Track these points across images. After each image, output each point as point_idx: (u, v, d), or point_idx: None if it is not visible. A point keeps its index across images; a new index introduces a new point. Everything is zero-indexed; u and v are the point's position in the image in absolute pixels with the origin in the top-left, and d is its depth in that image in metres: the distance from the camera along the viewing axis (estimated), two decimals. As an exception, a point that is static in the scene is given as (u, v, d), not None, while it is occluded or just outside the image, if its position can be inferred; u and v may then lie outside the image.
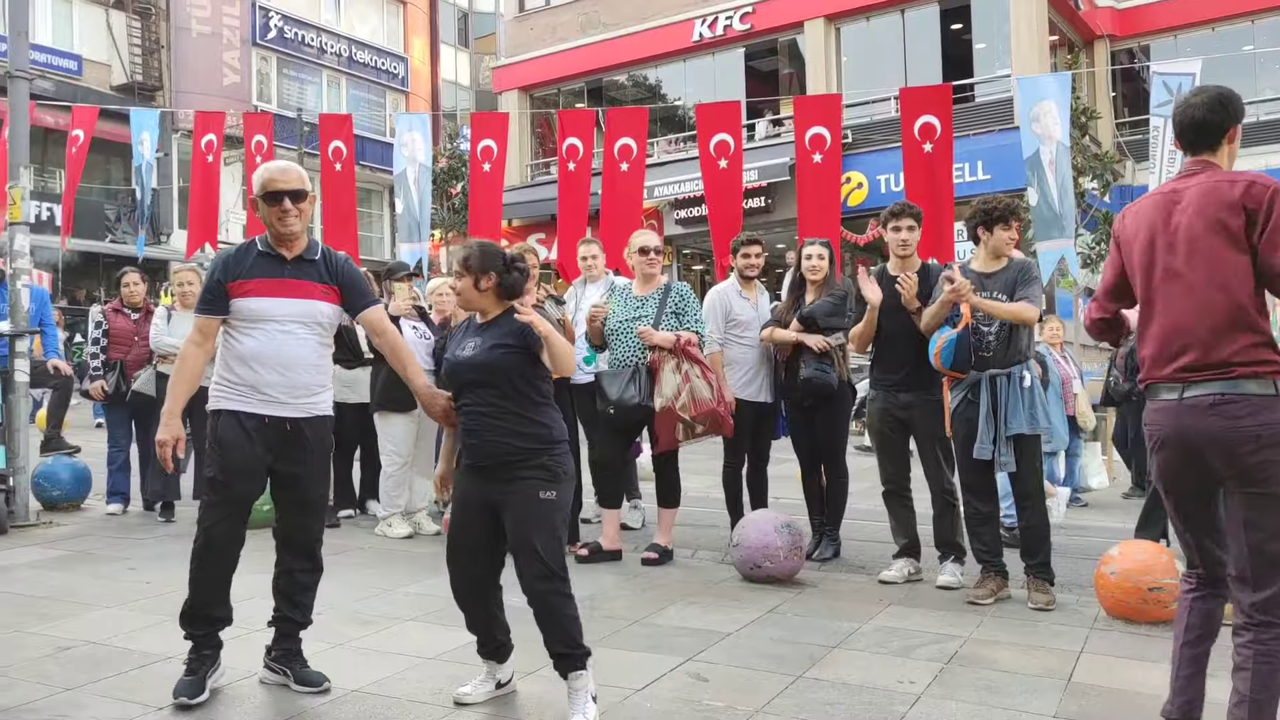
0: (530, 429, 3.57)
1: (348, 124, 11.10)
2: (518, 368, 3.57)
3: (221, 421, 3.79)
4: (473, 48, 39.42)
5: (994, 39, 19.83)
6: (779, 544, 5.55)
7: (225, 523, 3.80)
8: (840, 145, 9.16)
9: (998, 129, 18.30)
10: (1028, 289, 5.18)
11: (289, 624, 3.95)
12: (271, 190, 3.77)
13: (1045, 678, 4.08)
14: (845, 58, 21.33)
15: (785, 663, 4.22)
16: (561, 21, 24.68)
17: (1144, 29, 22.13)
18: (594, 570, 5.90)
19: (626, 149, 9.61)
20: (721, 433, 6.00)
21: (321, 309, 3.89)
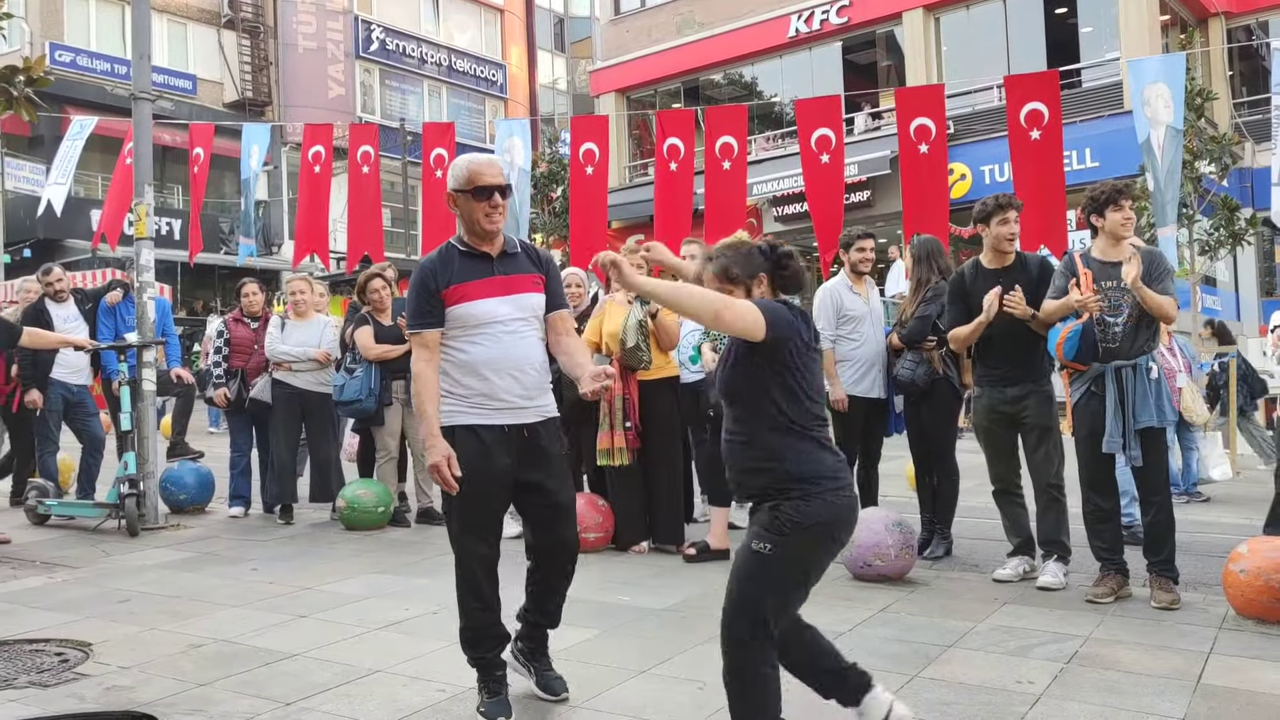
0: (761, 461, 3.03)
1: (450, 132, 11.31)
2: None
3: (458, 438, 3.59)
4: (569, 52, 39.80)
5: (1101, 22, 19.24)
6: (889, 542, 5.48)
7: (483, 544, 3.65)
8: (945, 136, 8.99)
9: (1107, 114, 17.77)
10: (1164, 282, 5.01)
11: (538, 628, 3.85)
12: (482, 184, 3.58)
13: (1172, 679, 3.94)
14: (945, 48, 20.93)
15: (899, 662, 4.17)
16: (657, 23, 24.74)
17: (1262, 4, 21.22)
18: (703, 570, 5.91)
19: (728, 147, 9.58)
20: None
21: (537, 300, 3.73)
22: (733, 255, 3.14)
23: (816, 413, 3.06)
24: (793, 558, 2.96)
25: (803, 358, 3.01)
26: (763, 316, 2.93)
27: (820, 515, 2.95)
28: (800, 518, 2.93)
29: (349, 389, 7.39)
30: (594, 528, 6.33)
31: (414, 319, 3.66)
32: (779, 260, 3.13)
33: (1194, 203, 15.19)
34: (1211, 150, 15.31)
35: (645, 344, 6.24)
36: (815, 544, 2.99)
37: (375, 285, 7.67)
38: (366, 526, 7.35)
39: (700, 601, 5.20)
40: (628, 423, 6.30)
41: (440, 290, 3.60)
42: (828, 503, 2.96)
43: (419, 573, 5.99)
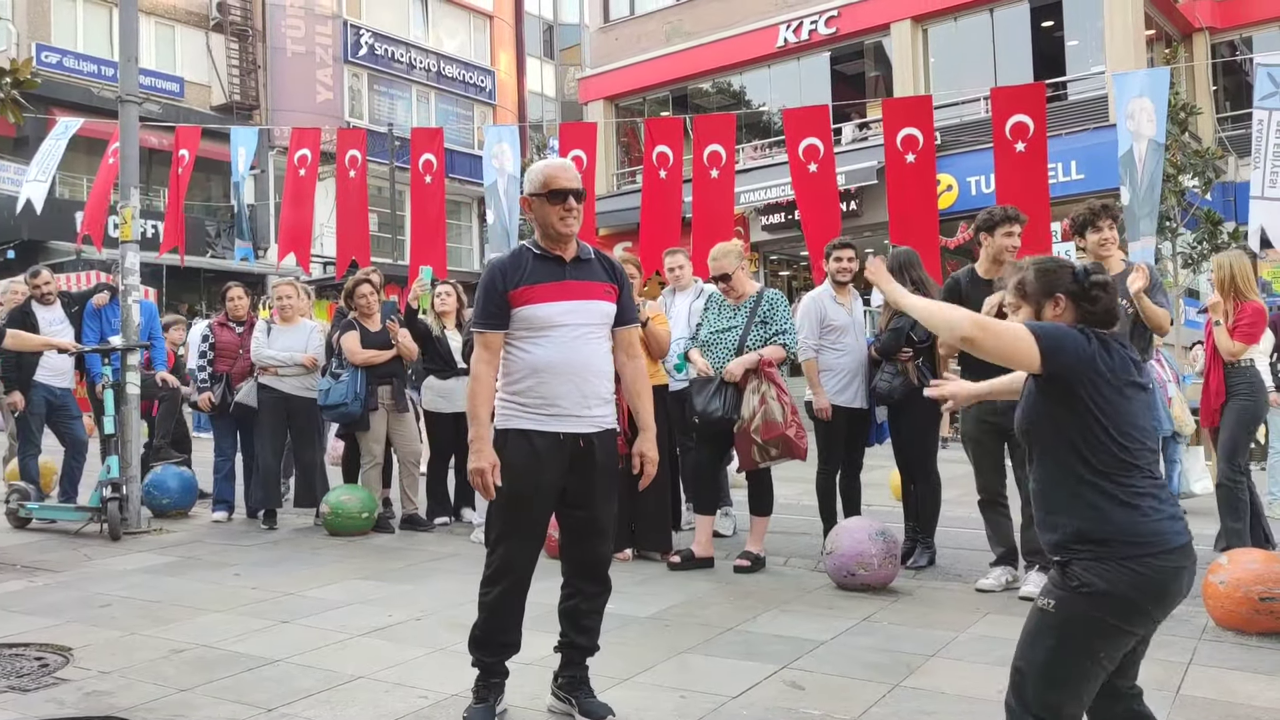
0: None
1: (439, 137, 11.30)
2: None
3: (510, 442, 3.56)
4: (558, 59, 39.83)
5: (1087, 35, 19.37)
6: (873, 551, 5.50)
7: (522, 551, 3.61)
8: (933, 146, 9.04)
9: (1092, 127, 17.88)
10: (1157, 295, 5.09)
11: (575, 650, 3.74)
12: (557, 188, 3.56)
13: (1152, 689, 3.94)
14: (933, 59, 21.03)
15: (882, 671, 4.18)
16: (646, 31, 24.79)
17: (1246, 20, 21.40)
18: (687, 578, 5.92)
19: (716, 156, 9.60)
20: (795, 456, 5.96)
21: (608, 309, 3.68)
22: (1034, 268, 2.73)
23: (1128, 460, 2.54)
24: (1080, 619, 2.50)
25: (1107, 394, 2.53)
26: (1036, 343, 2.51)
27: (1114, 583, 2.46)
28: (1091, 580, 2.48)
29: (334, 393, 7.38)
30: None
31: (480, 318, 3.62)
32: (1089, 287, 2.65)
33: (1177, 216, 15.30)
34: (1195, 164, 15.45)
35: None
36: (1111, 612, 2.49)
37: (363, 290, 7.67)
38: (350, 532, 7.33)
39: (684, 610, 5.21)
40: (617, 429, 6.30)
41: (509, 291, 3.56)
42: (1127, 569, 2.47)
43: (403, 579, 5.98)
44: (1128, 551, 2.49)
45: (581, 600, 3.72)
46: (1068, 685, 2.53)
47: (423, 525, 7.51)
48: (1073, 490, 2.56)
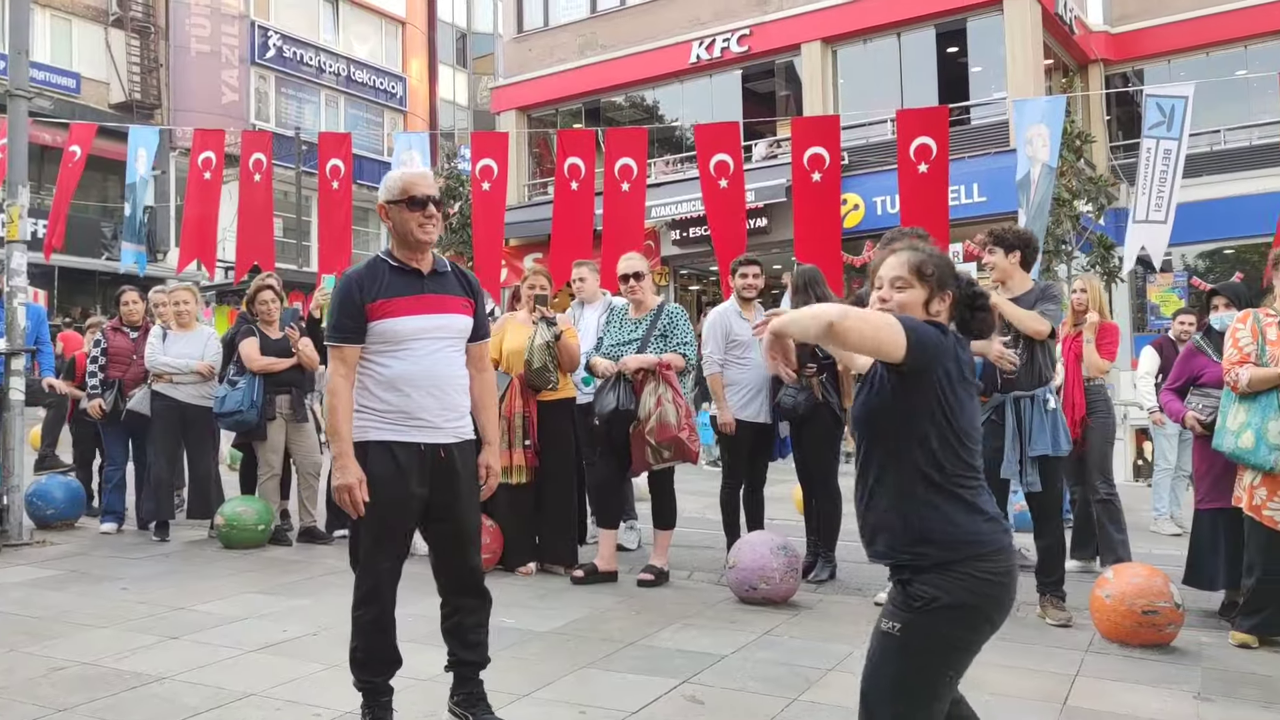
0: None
1: (347, 143, 11.13)
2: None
3: (371, 454, 3.49)
4: (471, 68, 39.58)
5: (989, 62, 19.91)
6: (775, 566, 5.54)
7: (387, 563, 3.55)
8: (839, 166, 9.19)
9: (993, 151, 18.37)
10: (1044, 304, 5.24)
11: (466, 666, 3.71)
12: (416, 195, 3.51)
13: (1040, 701, 4.07)
14: (842, 80, 21.41)
15: (781, 685, 4.21)
16: (560, 42, 24.78)
17: (1138, 54, 22.24)
18: (590, 592, 5.89)
19: (627, 169, 9.63)
20: (686, 459, 6.00)
21: (466, 323, 3.67)
22: (935, 253, 2.67)
23: (969, 461, 2.52)
24: (928, 638, 2.45)
25: (958, 391, 2.50)
26: (902, 332, 2.39)
27: (960, 594, 2.43)
28: (935, 594, 2.44)
29: (230, 400, 7.19)
30: (482, 549, 6.25)
31: (336, 332, 3.54)
32: (974, 297, 2.64)
33: (1072, 240, 15.80)
34: (1089, 190, 15.97)
35: (553, 365, 6.25)
36: (958, 624, 2.46)
37: (265, 296, 7.50)
38: (246, 545, 7.14)
39: (586, 624, 5.19)
40: (527, 441, 6.28)
41: (366, 304, 3.50)
42: (972, 577, 2.44)
43: (299, 593, 5.84)
44: (971, 552, 2.46)
45: (463, 615, 3.70)
46: (920, 706, 2.49)
47: (321, 538, 7.35)
48: (915, 485, 2.49)
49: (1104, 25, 22.35)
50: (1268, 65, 19.08)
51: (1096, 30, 22.17)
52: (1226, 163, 19.53)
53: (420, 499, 3.56)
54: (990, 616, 2.49)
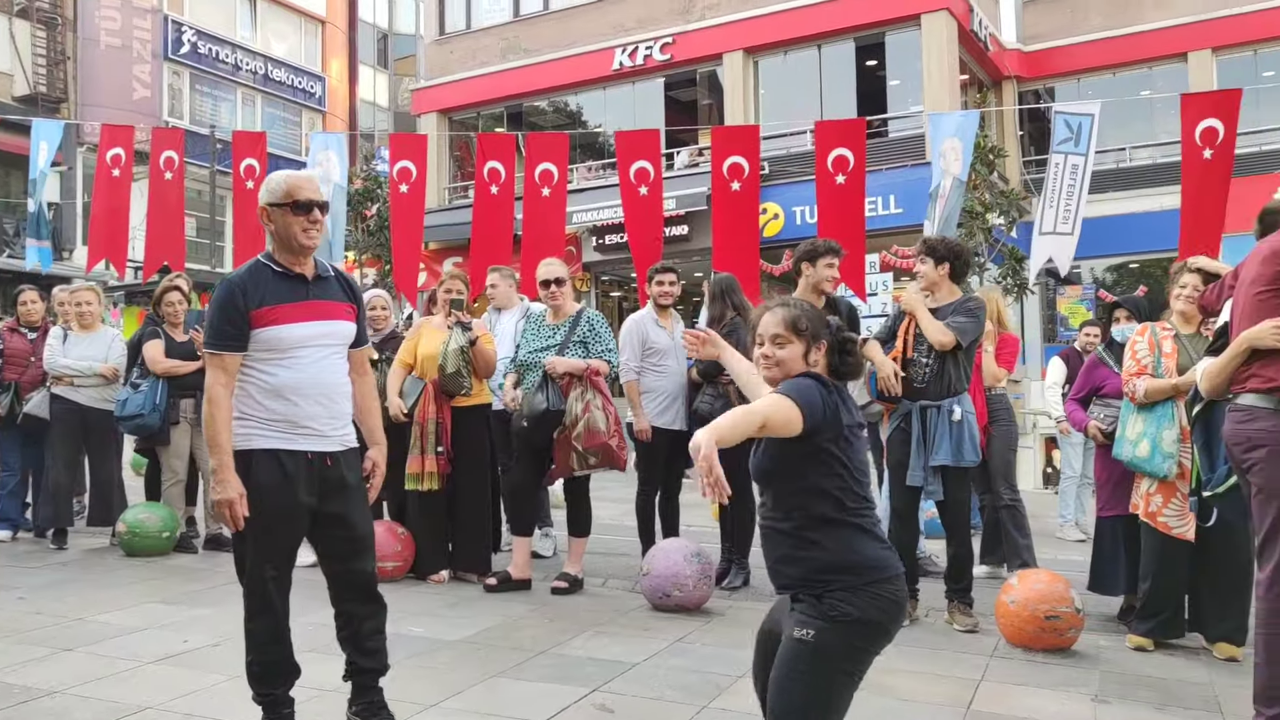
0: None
1: (262, 142, 10.91)
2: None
3: (256, 462, 3.40)
4: (392, 69, 39.13)
5: (907, 76, 20.27)
6: (688, 573, 5.55)
7: (274, 572, 3.47)
8: (758, 175, 9.27)
9: (910, 164, 18.70)
10: (955, 316, 5.32)
11: (365, 675, 3.63)
12: (301, 199, 3.44)
13: (946, 706, 4.13)
14: (763, 90, 21.62)
15: (691, 693, 4.21)
16: (482, 46, 24.62)
17: (1049, 72, 22.85)
18: (503, 600, 5.84)
19: (548, 174, 9.61)
20: (615, 466, 6.00)
21: (350, 330, 3.62)
22: (807, 308, 2.88)
23: (863, 494, 2.76)
24: (841, 646, 2.66)
25: (849, 438, 2.73)
26: (798, 410, 2.64)
27: (868, 610, 2.65)
28: (848, 609, 2.64)
29: (131, 403, 6.99)
30: (392, 556, 6.18)
31: (216, 339, 3.42)
32: (843, 342, 2.87)
33: (985, 252, 16.14)
34: (1001, 203, 16.34)
35: (467, 370, 6.18)
36: (863, 636, 2.68)
37: (171, 298, 7.32)
38: (149, 553, 6.95)
39: (498, 632, 5.14)
40: (440, 447, 6.20)
41: (249, 310, 3.39)
42: (877, 596, 2.67)
43: (203, 602, 5.69)
44: (875, 576, 2.69)
45: (360, 623, 3.63)
46: (828, 710, 2.67)
47: (228, 546, 7.17)
48: (821, 528, 2.71)
49: (1017, 43, 22.91)
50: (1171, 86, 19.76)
51: (1010, 48, 22.71)
52: (1132, 180, 20.15)
53: (308, 508, 3.49)
54: (889, 631, 2.74)
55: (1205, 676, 4.62)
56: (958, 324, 5.30)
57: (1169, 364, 4.95)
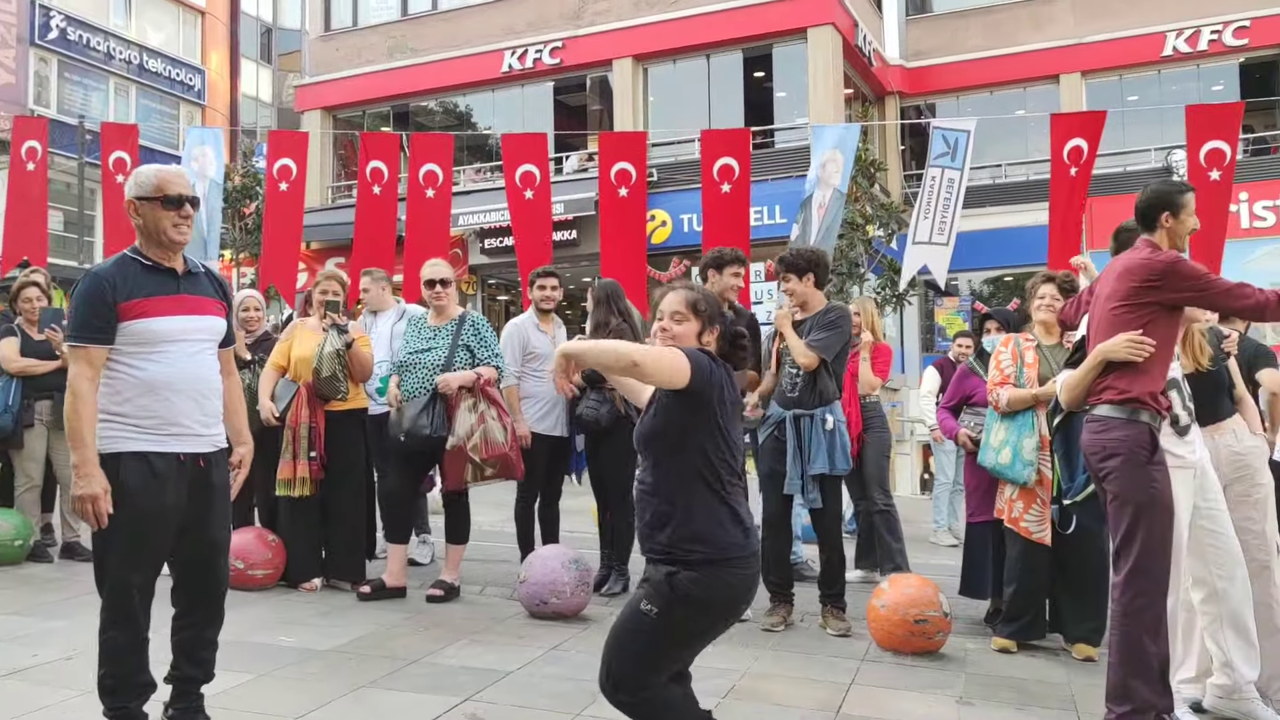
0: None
1: (133, 134, 10.53)
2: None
3: (125, 465, 3.29)
4: (276, 64, 38.19)
5: (793, 88, 20.63)
6: (566, 579, 5.51)
7: (140, 579, 3.35)
8: (645, 182, 9.30)
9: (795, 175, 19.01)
10: (818, 333, 5.39)
11: (189, 682, 3.52)
12: (171, 194, 3.38)
13: (817, 710, 4.18)
14: (652, 97, 21.75)
15: (565, 701, 4.17)
16: (368, 43, 24.21)
17: (930, 88, 23.54)
18: (377, 608, 5.72)
19: (432, 175, 9.48)
20: (512, 477, 5.95)
21: (220, 325, 3.56)
22: (707, 293, 3.08)
23: (736, 469, 2.93)
24: (679, 624, 2.84)
25: (728, 409, 2.90)
26: (687, 362, 2.81)
27: (717, 591, 2.82)
28: (695, 591, 2.79)
29: (-19, 405, 6.65)
30: (262, 564, 6.00)
31: (81, 331, 3.30)
32: (736, 335, 3.05)
33: (865, 263, 16.51)
34: (881, 216, 16.73)
35: (342, 374, 6.03)
36: (707, 615, 2.86)
37: (28, 294, 6.98)
38: (1, 562, 6.60)
39: (370, 641, 5.03)
40: (313, 452, 6.04)
41: (118, 303, 3.30)
42: (730, 574, 2.84)
43: (56, 614, 5.42)
44: (732, 554, 2.84)
45: (199, 629, 3.55)
46: (653, 673, 2.89)
47: (84, 554, 6.85)
48: (694, 491, 2.85)
49: (900, 60, 23.54)
50: (1043, 107, 20.54)
51: (893, 64, 23.33)
52: (1008, 195, 20.86)
53: (177, 511, 3.39)
54: (730, 614, 2.92)
55: (1064, 676, 4.78)
56: (819, 341, 5.38)
57: (1030, 374, 5.13)
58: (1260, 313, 3.76)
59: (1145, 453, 3.74)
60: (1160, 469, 3.76)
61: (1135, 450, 3.73)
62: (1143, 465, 3.73)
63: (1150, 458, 3.74)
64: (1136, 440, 3.74)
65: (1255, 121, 20.89)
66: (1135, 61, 21.69)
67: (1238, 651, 4.02)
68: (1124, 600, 3.74)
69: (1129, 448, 3.74)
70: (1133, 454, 3.73)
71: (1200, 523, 4.00)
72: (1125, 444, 3.75)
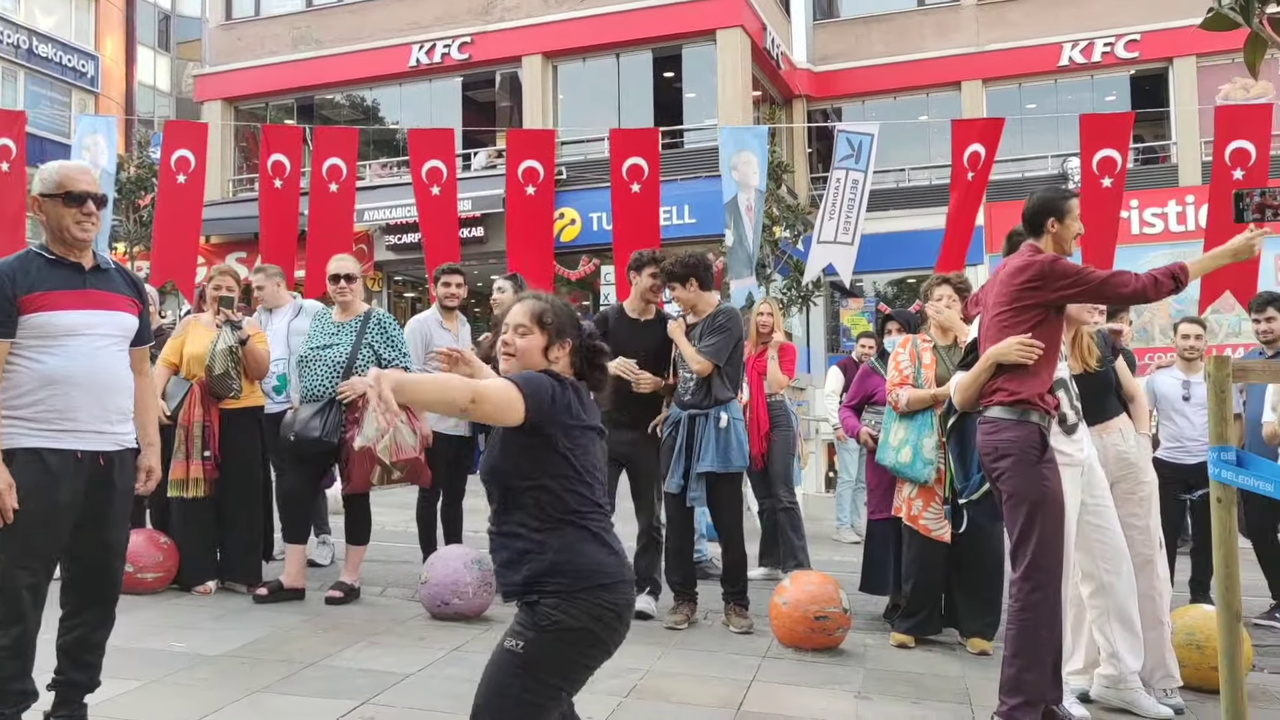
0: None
1: (20, 121, 10.09)
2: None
3: (18, 462, 3.20)
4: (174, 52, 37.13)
5: (703, 90, 20.75)
6: (468, 580, 5.46)
7: (31, 580, 3.25)
8: (553, 180, 9.25)
9: (704, 175, 19.15)
10: (709, 338, 5.43)
11: (74, 688, 3.42)
12: (74, 190, 3.33)
13: (718, 708, 4.20)
14: (562, 95, 21.68)
15: (465, 702, 4.03)
16: (271, 34, 23.67)
17: (836, 92, 23.90)
18: (274, 610, 5.59)
19: (336, 169, 9.29)
20: (419, 482, 5.88)
21: (130, 322, 3.49)
22: (559, 305, 2.80)
23: (594, 498, 2.70)
24: (550, 656, 2.58)
25: (575, 437, 2.67)
26: (520, 395, 2.57)
27: (584, 620, 2.57)
28: (561, 618, 2.56)
29: None
30: (152, 567, 5.81)
31: None
32: (592, 351, 2.80)
33: (771, 263, 16.70)
34: (788, 217, 16.94)
35: (235, 372, 5.88)
36: (576, 647, 2.60)
37: None
38: None
39: (266, 645, 4.91)
40: (206, 452, 5.87)
41: (19, 296, 3.25)
42: (596, 604, 2.59)
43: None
44: (596, 581, 2.60)
45: (88, 631, 3.45)
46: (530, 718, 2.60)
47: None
48: (546, 530, 2.63)
49: (807, 64, 23.84)
50: (946, 113, 21.02)
51: (801, 68, 23.61)
52: (912, 199, 21.29)
53: (72, 509, 3.30)
54: (605, 642, 2.65)
55: (959, 670, 4.89)
56: (710, 347, 5.43)
57: (928, 374, 5.23)
58: (1141, 296, 3.87)
59: (1036, 452, 3.84)
60: (1051, 467, 3.87)
61: (1026, 450, 3.84)
62: (1034, 464, 3.83)
63: (1041, 457, 3.85)
64: (1027, 440, 3.84)
65: (1145, 131, 21.66)
66: (1033, 71, 22.32)
67: (1123, 642, 4.17)
68: (1022, 595, 3.84)
69: (1020, 448, 3.84)
70: (1024, 454, 3.83)
71: (1087, 518, 4.14)
72: (1017, 444, 3.85)
